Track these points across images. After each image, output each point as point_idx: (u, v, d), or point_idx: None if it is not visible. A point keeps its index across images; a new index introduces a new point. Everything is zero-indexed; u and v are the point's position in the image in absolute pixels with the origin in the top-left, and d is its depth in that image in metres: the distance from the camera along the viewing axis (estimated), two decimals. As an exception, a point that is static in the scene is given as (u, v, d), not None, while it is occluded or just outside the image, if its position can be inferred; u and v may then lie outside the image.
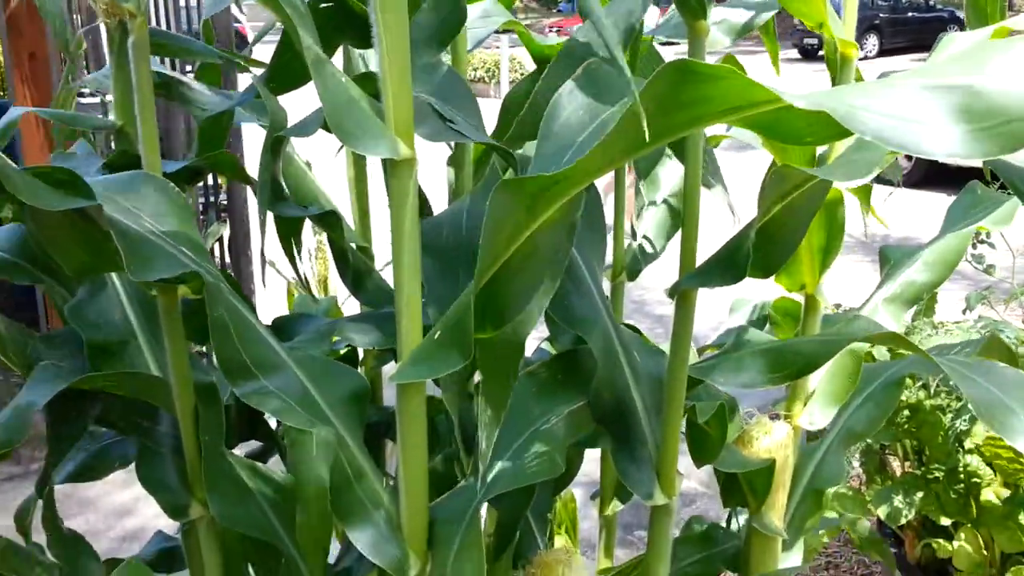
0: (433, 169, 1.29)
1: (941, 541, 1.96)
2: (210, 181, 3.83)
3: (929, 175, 6.84)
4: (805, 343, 0.99)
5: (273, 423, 1.17)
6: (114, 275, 0.97)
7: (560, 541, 1.66)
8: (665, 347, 0.97)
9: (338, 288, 2.71)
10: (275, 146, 0.90)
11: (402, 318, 0.77)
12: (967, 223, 1.18)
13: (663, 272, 1.24)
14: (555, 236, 0.74)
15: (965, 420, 1.83)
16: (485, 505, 0.88)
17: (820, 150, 1.06)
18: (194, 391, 0.90)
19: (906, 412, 1.89)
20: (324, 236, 2.11)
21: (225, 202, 3.86)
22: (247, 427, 1.12)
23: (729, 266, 0.78)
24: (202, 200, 3.83)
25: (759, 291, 1.53)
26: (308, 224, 1.27)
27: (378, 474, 0.84)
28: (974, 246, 2.19)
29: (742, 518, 1.37)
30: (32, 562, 0.94)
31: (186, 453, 0.91)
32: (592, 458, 1.20)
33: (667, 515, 0.93)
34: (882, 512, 1.95)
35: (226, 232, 3.60)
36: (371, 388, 1.06)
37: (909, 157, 7.56)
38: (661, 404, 0.92)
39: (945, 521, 1.95)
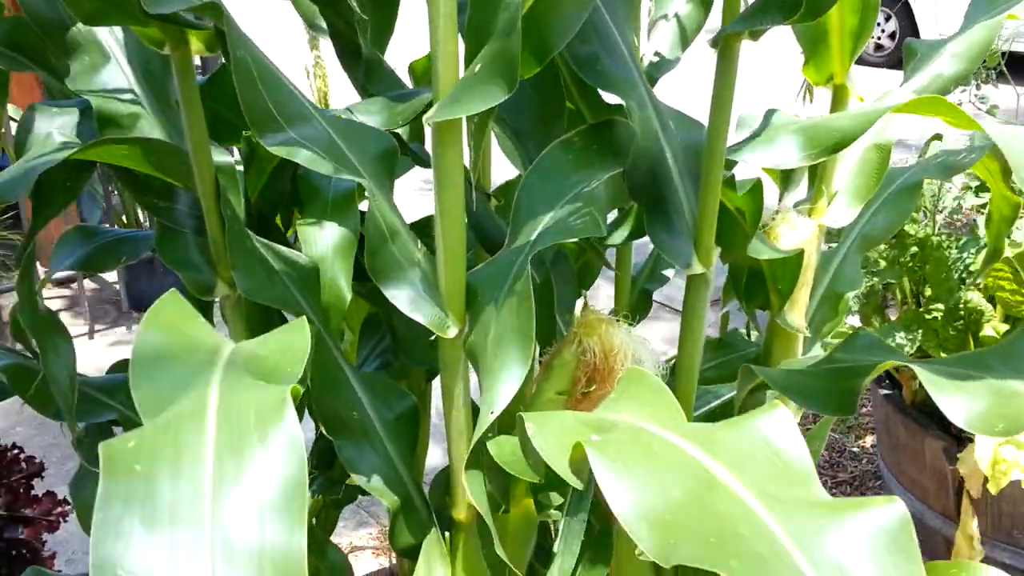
0: None
1: (939, 377, 1.99)
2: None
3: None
4: (840, 117, 0.96)
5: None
6: (117, 50, 0.91)
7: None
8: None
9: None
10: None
11: (438, 56, 0.73)
12: (994, 13, 1.14)
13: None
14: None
15: (971, 253, 1.83)
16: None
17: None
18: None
19: (914, 248, 1.89)
20: (321, 52, 2.04)
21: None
22: (257, 229, 1.09)
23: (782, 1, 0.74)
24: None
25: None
26: (304, 40, 1.21)
27: (411, 235, 0.82)
28: (977, 87, 2.16)
29: (754, 335, 1.37)
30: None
31: (209, 231, 0.87)
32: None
33: (704, 285, 0.91)
34: (882, 350, 1.97)
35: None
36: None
37: (892, 36, 7.47)
38: (697, 174, 0.89)
39: (944, 356, 1.98)
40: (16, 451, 1.54)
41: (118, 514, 0.47)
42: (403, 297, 0.78)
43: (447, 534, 0.89)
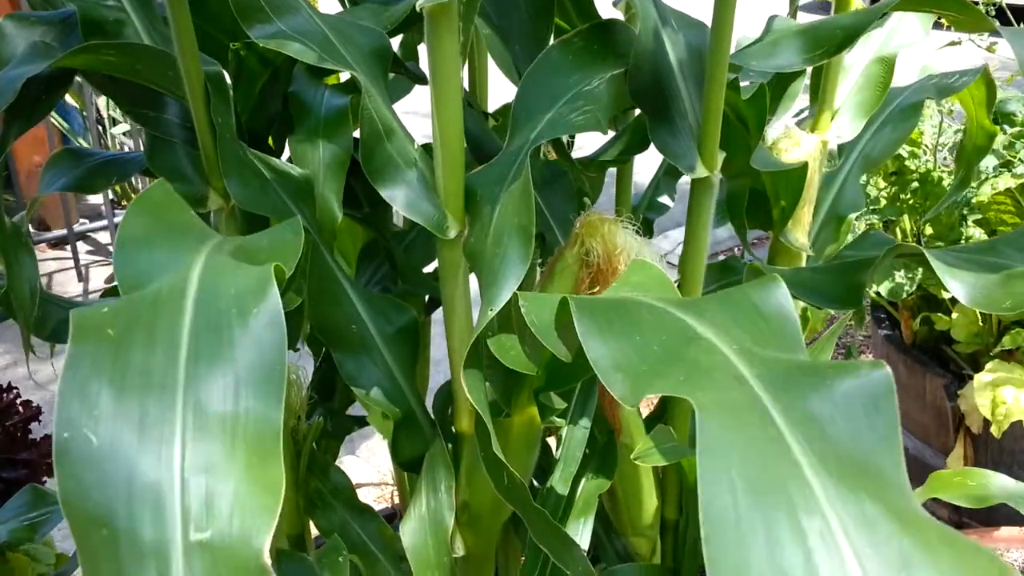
0: None
1: (940, 315, 1.98)
2: None
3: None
4: (843, 16, 0.94)
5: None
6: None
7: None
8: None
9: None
10: None
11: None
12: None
13: None
14: None
15: (974, 186, 1.81)
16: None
17: None
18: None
19: (914, 184, 1.87)
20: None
21: None
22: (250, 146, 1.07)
23: None
24: None
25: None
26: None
27: (408, 135, 0.79)
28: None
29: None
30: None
31: (200, 140, 0.85)
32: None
33: (708, 190, 0.89)
34: (884, 288, 1.96)
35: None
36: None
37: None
38: (701, 76, 0.87)
39: (945, 295, 1.97)
40: (13, 394, 1.53)
41: (85, 376, 0.45)
42: (400, 198, 0.77)
43: (450, 446, 0.88)
